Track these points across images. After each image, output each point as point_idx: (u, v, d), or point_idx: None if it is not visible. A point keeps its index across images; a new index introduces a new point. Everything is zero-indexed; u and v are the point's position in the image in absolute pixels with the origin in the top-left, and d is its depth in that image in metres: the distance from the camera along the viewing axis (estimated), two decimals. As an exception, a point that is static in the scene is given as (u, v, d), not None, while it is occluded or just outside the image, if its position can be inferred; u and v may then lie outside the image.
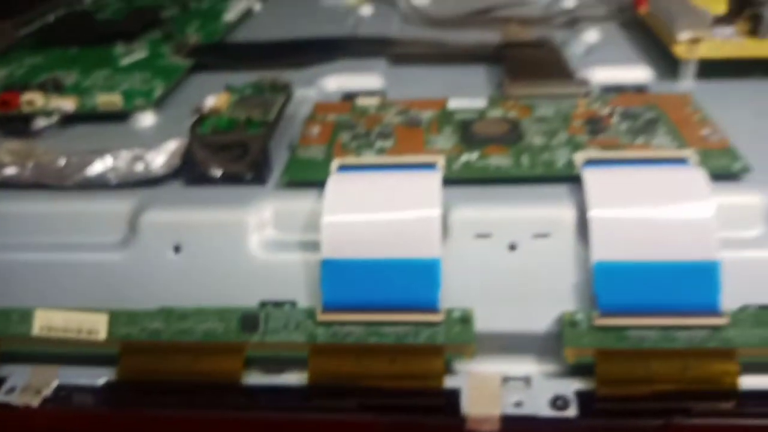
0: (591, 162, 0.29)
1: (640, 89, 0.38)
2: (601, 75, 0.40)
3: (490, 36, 0.46)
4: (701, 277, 0.26)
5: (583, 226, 0.27)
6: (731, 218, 0.28)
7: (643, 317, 0.26)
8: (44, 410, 0.27)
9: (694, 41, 0.38)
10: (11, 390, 0.27)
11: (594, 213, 0.26)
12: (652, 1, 0.45)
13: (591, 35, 0.47)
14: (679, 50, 0.38)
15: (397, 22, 0.53)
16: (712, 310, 0.26)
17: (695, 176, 0.27)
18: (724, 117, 0.33)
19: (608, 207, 0.27)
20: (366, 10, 0.56)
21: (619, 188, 0.27)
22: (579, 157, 0.29)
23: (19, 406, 0.26)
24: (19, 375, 0.28)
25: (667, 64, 0.40)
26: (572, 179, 0.29)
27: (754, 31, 0.38)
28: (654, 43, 0.43)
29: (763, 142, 0.31)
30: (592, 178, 0.28)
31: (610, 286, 0.26)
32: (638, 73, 0.40)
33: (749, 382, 0.26)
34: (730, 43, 0.38)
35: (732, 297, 0.26)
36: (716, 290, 0.26)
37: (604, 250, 0.26)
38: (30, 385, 0.27)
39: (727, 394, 0.26)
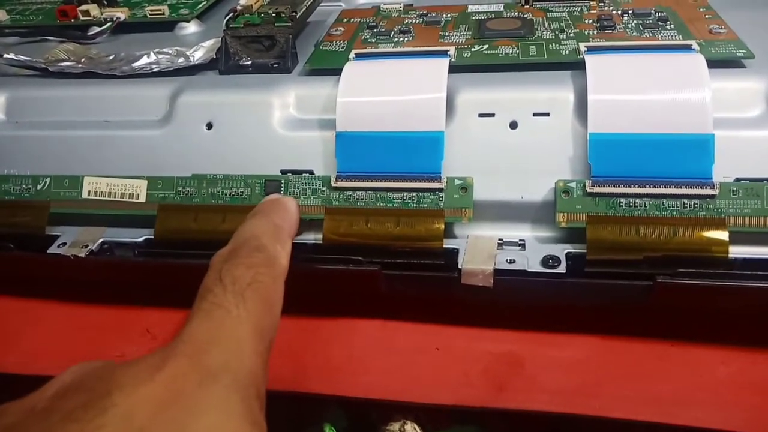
0: (594, 49, 0.30)
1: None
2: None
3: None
4: (695, 149, 0.27)
5: (582, 107, 0.29)
6: (733, 100, 0.29)
7: (635, 186, 0.27)
8: (89, 260, 0.30)
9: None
10: (62, 245, 0.31)
11: (594, 92, 0.28)
12: None
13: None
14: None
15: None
16: (705, 181, 0.27)
17: (694, 59, 0.28)
18: (741, 18, 0.33)
19: (608, 87, 0.28)
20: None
21: (619, 70, 0.29)
22: (583, 44, 0.31)
23: (68, 256, 0.30)
24: (70, 234, 0.31)
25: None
26: (576, 66, 0.30)
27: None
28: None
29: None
30: (593, 61, 0.29)
31: (604, 156, 0.28)
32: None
33: (739, 251, 0.27)
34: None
35: (728, 172, 0.28)
36: (709, 162, 0.27)
37: (600, 124, 0.28)
38: (78, 241, 0.31)
39: (717, 262, 0.27)
